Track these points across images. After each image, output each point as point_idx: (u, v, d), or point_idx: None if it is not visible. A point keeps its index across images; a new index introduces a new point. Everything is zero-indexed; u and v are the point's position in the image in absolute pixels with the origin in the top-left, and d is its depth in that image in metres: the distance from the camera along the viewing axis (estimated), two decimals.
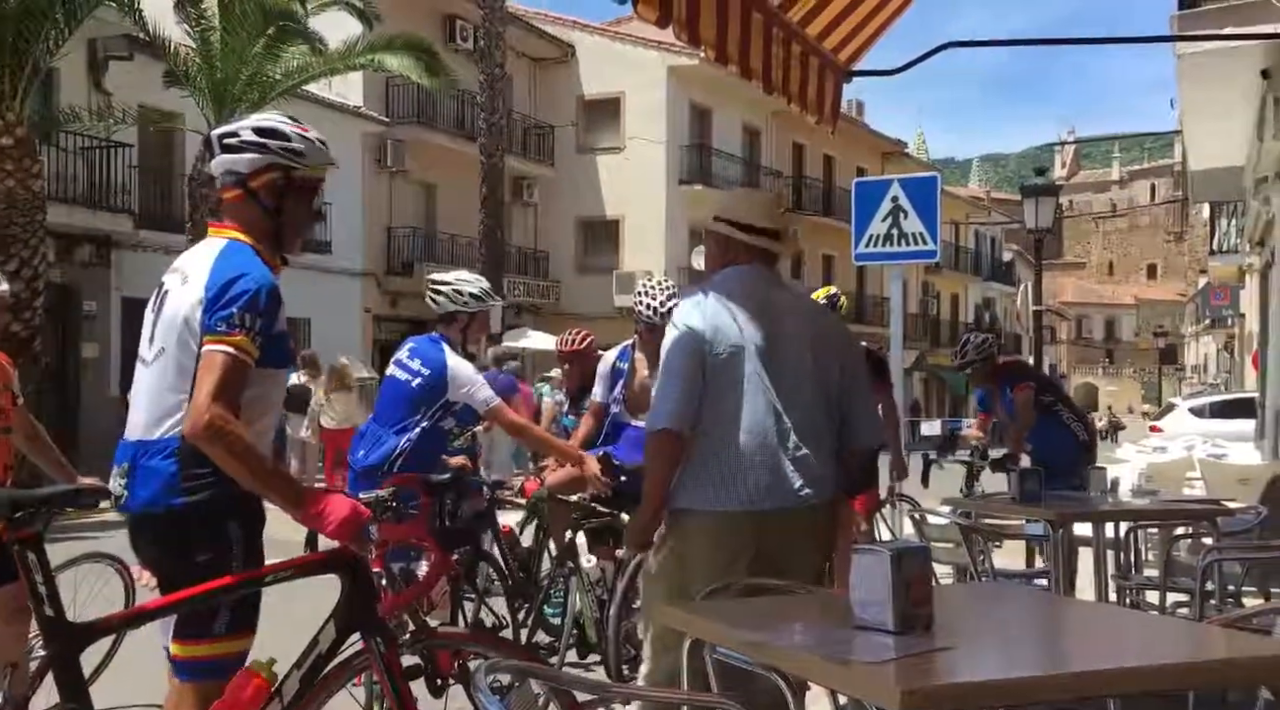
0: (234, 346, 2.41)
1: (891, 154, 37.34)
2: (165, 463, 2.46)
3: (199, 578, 2.44)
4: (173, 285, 2.60)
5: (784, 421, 2.97)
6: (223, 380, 2.38)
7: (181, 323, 2.50)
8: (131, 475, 2.49)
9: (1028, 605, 2.76)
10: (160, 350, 2.54)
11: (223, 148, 2.59)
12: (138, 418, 2.56)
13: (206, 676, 2.48)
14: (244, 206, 2.61)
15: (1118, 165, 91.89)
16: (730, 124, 29.78)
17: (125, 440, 2.57)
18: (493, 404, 4.35)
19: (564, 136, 27.74)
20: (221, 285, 2.46)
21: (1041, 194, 13.33)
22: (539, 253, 27.63)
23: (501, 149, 19.94)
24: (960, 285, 43.96)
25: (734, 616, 2.49)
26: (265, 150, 2.57)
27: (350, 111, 21.70)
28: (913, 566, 2.11)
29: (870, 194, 7.42)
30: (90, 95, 16.16)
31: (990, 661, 2.14)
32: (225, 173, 2.61)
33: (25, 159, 12.92)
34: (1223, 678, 2.22)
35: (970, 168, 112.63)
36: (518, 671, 2.43)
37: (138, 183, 17.33)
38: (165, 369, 2.53)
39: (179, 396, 2.48)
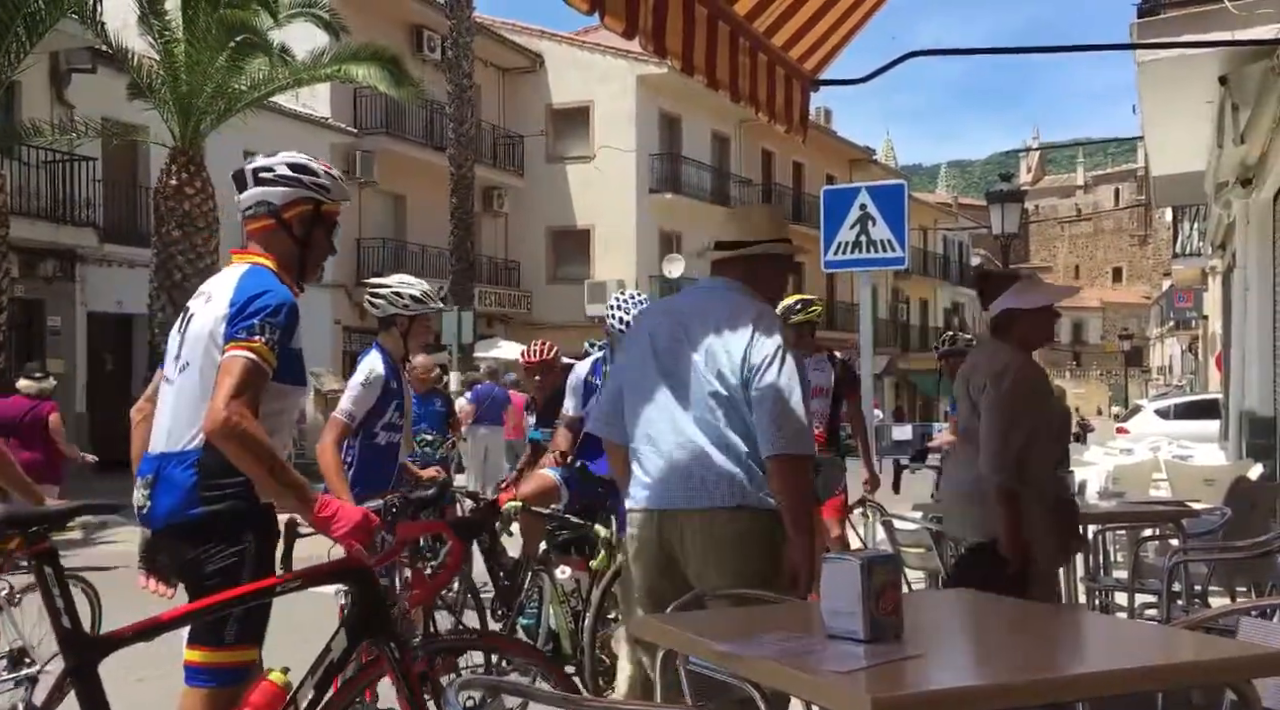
0: (253, 351, 2.52)
1: (860, 161, 37.60)
2: (186, 473, 2.56)
3: (213, 587, 2.52)
4: (197, 307, 2.72)
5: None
6: (241, 381, 2.48)
7: (207, 337, 2.62)
8: (155, 486, 2.59)
9: (998, 611, 2.78)
10: (185, 365, 2.66)
11: (257, 181, 2.79)
12: (162, 432, 2.65)
13: (216, 682, 2.54)
14: (274, 235, 2.78)
15: (1082, 170, 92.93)
16: (699, 132, 29.88)
17: (149, 454, 2.67)
18: (331, 419, 4.12)
19: (533, 146, 27.72)
20: (245, 300, 2.60)
21: (1007, 200, 13.46)
22: (510, 263, 27.58)
23: (471, 159, 19.91)
24: (930, 290, 44.31)
25: (705, 627, 2.49)
26: (299, 184, 2.78)
27: (318, 123, 21.58)
28: (883, 575, 2.12)
29: (839, 202, 7.48)
30: (53, 108, 15.98)
31: (960, 668, 2.15)
32: (258, 203, 2.78)
33: None
34: (1189, 679, 2.24)
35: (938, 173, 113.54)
36: (490, 687, 2.42)
37: (102, 196, 17.14)
38: (188, 384, 2.63)
39: (202, 409, 2.54)
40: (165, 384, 2.73)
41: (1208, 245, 17.53)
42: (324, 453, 4.04)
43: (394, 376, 4.27)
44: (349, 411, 4.12)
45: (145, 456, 2.68)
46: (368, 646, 2.71)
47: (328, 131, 21.85)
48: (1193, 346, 38.42)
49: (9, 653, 4.27)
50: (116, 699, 5.00)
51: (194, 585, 2.57)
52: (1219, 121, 8.11)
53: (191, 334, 2.67)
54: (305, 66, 15.73)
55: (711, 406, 2.94)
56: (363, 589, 2.69)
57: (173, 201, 15.00)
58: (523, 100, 27.91)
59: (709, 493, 2.92)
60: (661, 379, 3.02)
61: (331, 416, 4.16)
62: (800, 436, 2.88)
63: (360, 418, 4.16)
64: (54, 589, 2.34)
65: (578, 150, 27.83)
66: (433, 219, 22.36)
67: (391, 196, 23.92)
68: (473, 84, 20.67)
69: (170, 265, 15.12)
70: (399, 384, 4.31)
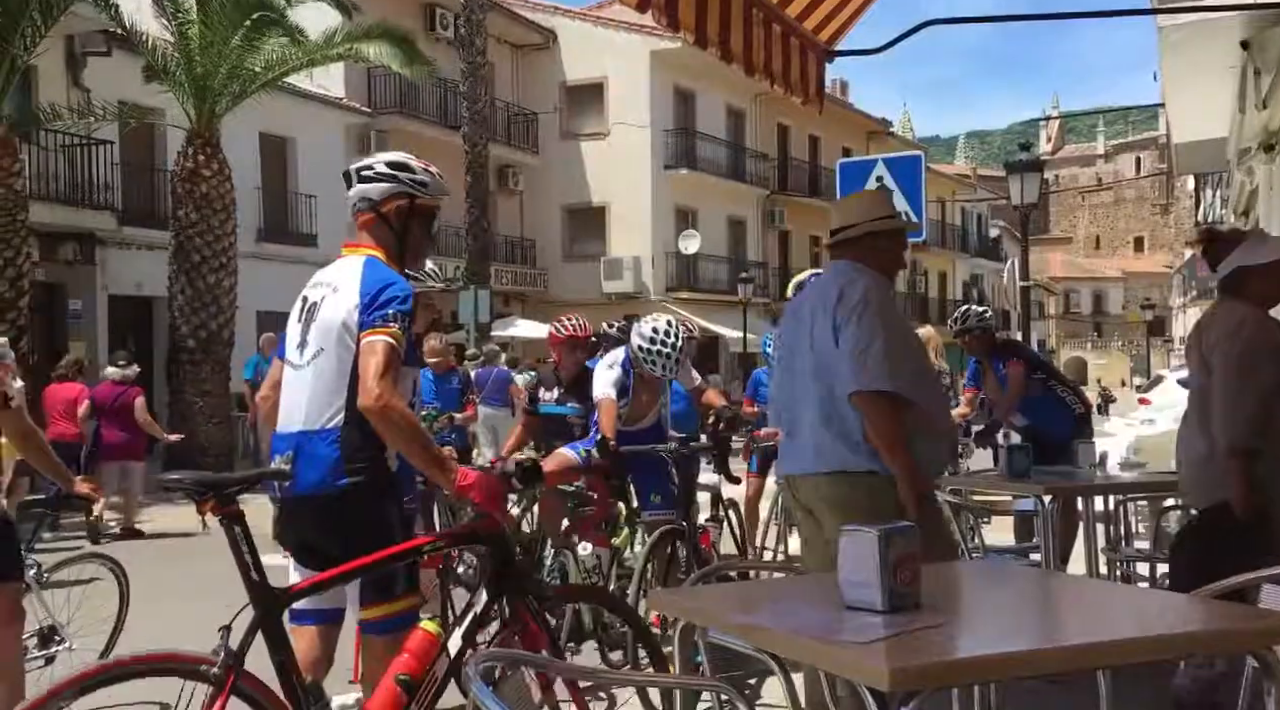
0: (390, 336, 2.78)
1: (876, 133, 37.31)
2: (330, 449, 2.80)
3: (363, 549, 2.75)
4: (320, 297, 2.94)
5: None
6: (385, 362, 2.73)
7: (340, 326, 2.84)
8: (296, 462, 2.82)
9: (1017, 581, 2.78)
10: (318, 351, 2.88)
11: (360, 178, 3.04)
12: (297, 412, 2.88)
13: (391, 630, 2.84)
14: (376, 228, 3.02)
15: (1103, 139, 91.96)
16: (714, 107, 29.70)
17: (284, 432, 2.90)
18: None
19: (548, 123, 27.64)
20: (374, 291, 2.84)
21: (1027, 170, 13.34)
22: (526, 241, 27.56)
23: (485, 137, 19.89)
24: (948, 262, 44.03)
25: (725, 600, 2.50)
26: (396, 181, 3.04)
27: (332, 103, 21.57)
28: (901, 546, 2.12)
29: (855, 174, 7.43)
30: (69, 92, 16.02)
31: (980, 637, 2.15)
32: (361, 199, 3.02)
33: (5, 158, 12.84)
34: (1210, 647, 2.24)
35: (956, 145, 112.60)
36: (510, 660, 2.44)
37: (120, 179, 17.21)
38: (325, 368, 2.86)
39: (339, 391, 2.82)
40: (291, 369, 2.94)
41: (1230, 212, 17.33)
42: None
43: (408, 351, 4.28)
44: None
45: (280, 435, 2.91)
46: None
47: (342, 112, 21.84)
48: None
49: (39, 631, 4.33)
50: None
51: (344, 549, 2.77)
52: (1241, 87, 8.00)
53: (321, 323, 2.89)
54: (318, 46, 15.71)
55: (815, 379, 3.31)
56: (497, 548, 2.95)
57: (190, 184, 15.06)
58: (537, 77, 27.81)
59: (816, 459, 3.29)
60: (787, 359, 3.48)
61: None
62: (879, 375, 3.16)
63: None
64: (243, 547, 2.62)
65: (592, 127, 27.74)
66: (448, 198, 22.32)
67: None
68: (486, 62, 20.62)
69: (188, 247, 15.19)
70: (410, 360, 4.32)
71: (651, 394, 5.27)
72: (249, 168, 18.56)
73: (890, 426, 3.18)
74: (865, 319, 3.21)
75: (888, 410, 3.17)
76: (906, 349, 3.32)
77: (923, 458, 3.22)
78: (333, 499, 2.79)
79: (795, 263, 32.99)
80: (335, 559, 2.77)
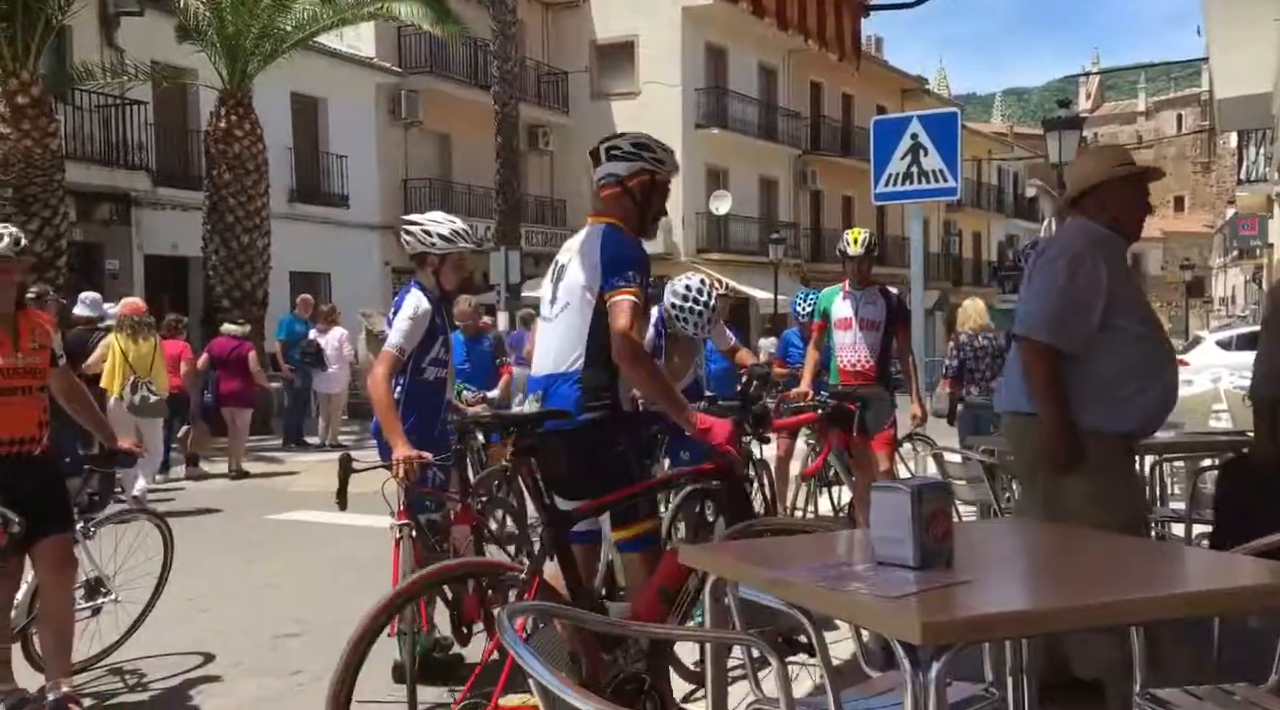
0: (632, 295, 3.18)
1: (912, 91, 36.75)
2: (572, 389, 3.25)
3: (603, 475, 3.22)
4: (567, 260, 3.38)
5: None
6: (631, 317, 3.16)
7: (583, 285, 3.27)
8: (545, 401, 3.28)
9: (1051, 539, 2.76)
10: (565, 305, 3.32)
11: (608, 156, 3.42)
12: (546, 358, 3.35)
13: (640, 548, 3.30)
14: (620, 200, 3.40)
15: (1144, 96, 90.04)
16: (746, 65, 29.36)
17: (536, 375, 3.38)
18: (382, 352, 4.18)
19: (578, 82, 27.45)
20: (614, 256, 3.25)
21: (1065, 127, 13.14)
22: (556, 201, 27.50)
23: (515, 97, 19.78)
24: (983, 223, 43.49)
25: (755, 555, 2.51)
26: (640, 158, 3.39)
27: (363, 62, 21.53)
28: (933, 502, 2.11)
29: (889, 132, 7.33)
30: (103, 52, 16.10)
31: (1012, 593, 2.14)
32: (608, 175, 3.41)
33: (41, 118, 12.94)
34: (1245, 604, 2.22)
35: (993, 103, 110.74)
36: (542, 612, 2.47)
37: (154, 140, 17.32)
38: (570, 321, 3.30)
39: (580, 340, 3.28)
40: (544, 322, 3.43)
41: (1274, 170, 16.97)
42: (376, 385, 4.06)
43: (438, 312, 4.28)
44: (399, 345, 4.13)
45: (534, 378, 3.40)
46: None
47: (373, 71, 21.81)
48: (1256, 275, 37.41)
49: (85, 582, 4.43)
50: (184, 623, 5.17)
51: (587, 475, 3.22)
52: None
53: (568, 283, 3.32)
54: (349, 5, 15.67)
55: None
56: (732, 487, 3.42)
57: (222, 144, 15.12)
58: (567, 36, 27.58)
59: (1003, 397, 3.56)
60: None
61: (382, 350, 4.16)
62: (1038, 324, 3.32)
63: (410, 351, 4.18)
64: (536, 475, 3.07)
65: (623, 86, 27.52)
66: (478, 158, 22.32)
67: (437, 136, 23.89)
68: (516, 20, 20.46)
69: (221, 207, 15.29)
70: (442, 320, 4.33)
71: (685, 355, 5.26)
72: (281, 128, 18.61)
73: (1038, 376, 3.31)
74: (1049, 266, 3.35)
75: (1038, 359, 3.31)
76: (1094, 304, 3.32)
77: (1090, 419, 3.31)
78: (573, 431, 3.21)
79: (827, 223, 32.73)
80: (581, 484, 3.22)
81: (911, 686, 1.79)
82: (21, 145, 12.69)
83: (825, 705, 2.20)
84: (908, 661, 1.79)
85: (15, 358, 3.80)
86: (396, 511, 3.96)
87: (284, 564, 6.94)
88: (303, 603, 5.83)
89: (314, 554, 7.21)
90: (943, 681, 1.79)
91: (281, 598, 5.99)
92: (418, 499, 4.09)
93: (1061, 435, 3.30)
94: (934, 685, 1.77)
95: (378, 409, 4.08)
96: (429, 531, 4.20)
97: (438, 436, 4.28)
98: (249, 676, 4.52)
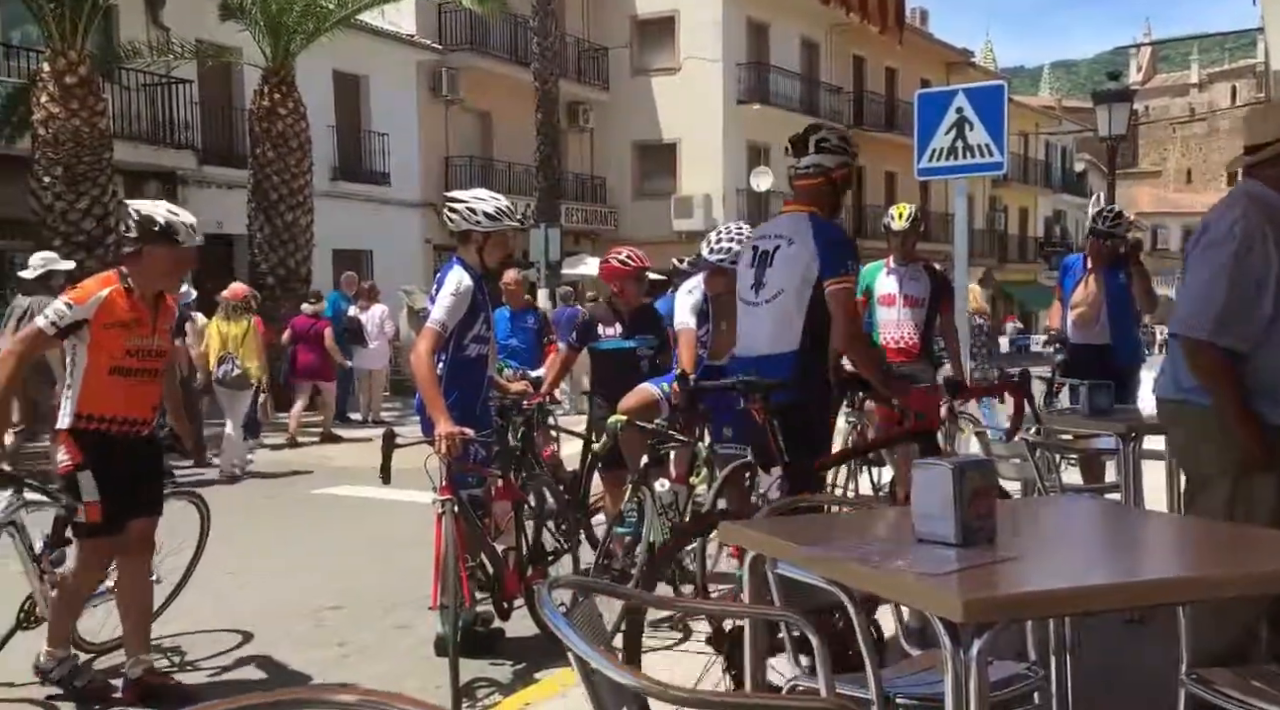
0: (850, 283, 3.59)
1: (957, 64, 36.18)
2: (782, 370, 3.61)
3: (804, 444, 3.61)
4: (771, 247, 3.70)
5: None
6: (850, 307, 3.60)
7: (800, 273, 3.59)
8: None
9: (1096, 517, 2.73)
10: (778, 292, 3.66)
11: (817, 148, 3.70)
12: (758, 341, 3.73)
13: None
14: (821, 190, 3.72)
15: (1197, 67, 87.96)
16: (788, 39, 29.06)
17: (743, 356, 3.79)
18: (424, 329, 4.17)
19: (618, 58, 27.32)
20: (829, 244, 3.59)
21: (1115, 100, 12.87)
22: (596, 178, 27.46)
23: (555, 74, 19.71)
24: (1029, 198, 42.83)
25: (796, 532, 2.49)
26: (845, 152, 3.76)
27: (404, 40, 21.58)
28: (975, 479, 2.09)
29: (934, 105, 7.21)
30: (149, 31, 16.26)
31: (1055, 571, 2.12)
32: (814, 166, 3.70)
33: (90, 97, 13.10)
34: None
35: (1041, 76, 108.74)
36: (582, 587, 2.47)
37: (199, 118, 17.50)
38: (784, 306, 3.63)
39: (794, 324, 3.61)
40: (748, 306, 3.76)
41: None
42: (420, 362, 4.08)
43: (480, 289, 4.29)
44: (441, 321, 4.14)
45: (740, 359, 3.78)
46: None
47: (414, 49, 21.86)
48: None
49: None
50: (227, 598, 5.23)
51: (792, 444, 3.59)
52: None
53: (777, 269, 3.67)
54: None
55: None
56: (929, 446, 3.68)
57: (266, 122, 15.25)
58: (607, 11, 27.43)
59: (1159, 382, 3.27)
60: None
61: (425, 326, 4.17)
62: (1196, 322, 2.93)
63: (452, 328, 4.20)
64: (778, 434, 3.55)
65: (663, 62, 27.35)
66: (518, 136, 22.32)
67: (477, 114, 23.92)
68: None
69: (266, 186, 15.43)
70: (484, 296, 4.33)
71: (733, 324, 5.20)
72: (323, 106, 18.73)
73: (1204, 375, 2.96)
74: (1207, 256, 2.95)
75: (1201, 358, 2.95)
76: (1265, 293, 2.90)
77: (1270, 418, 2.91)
78: (786, 408, 3.54)
79: (870, 199, 32.39)
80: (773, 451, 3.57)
81: (952, 665, 1.77)
82: (70, 124, 12.87)
83: (865, 683, 2.19)
84: (948, 639, 1.78)
85: (152, 340, 3.81)
86: (439, 487, 3.98)
87: (326, 538, 7.03)
88: (345, 576, 5.90)
89: (356, 528, 7.30)
90: (984, 660, 1.77)
91: (324, 571, 6.07)
92: (460, 474, 4.11)
93: (1248, 434, 2.91)
94: (975, 663, 1.76)
95: (421, 385, 4.10)
96: (471, 507, 4.23)
97: (480, 413, 4.30)
98: (294, 649, 4.59)
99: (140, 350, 3.77)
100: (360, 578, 5.86)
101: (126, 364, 3.74)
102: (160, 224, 3.76)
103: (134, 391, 3.78)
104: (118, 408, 3.75)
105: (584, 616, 2.82)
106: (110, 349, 3.71)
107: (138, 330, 3.76)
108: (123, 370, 3.73)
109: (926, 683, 2.27)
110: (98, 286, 3.74)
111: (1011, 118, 7.75)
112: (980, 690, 1.76)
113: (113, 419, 3.75)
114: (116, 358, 3.72)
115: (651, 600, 2.90)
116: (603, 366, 5.61)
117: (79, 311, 3.66)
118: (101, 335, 3.68)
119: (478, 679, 4.06)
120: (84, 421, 3.72)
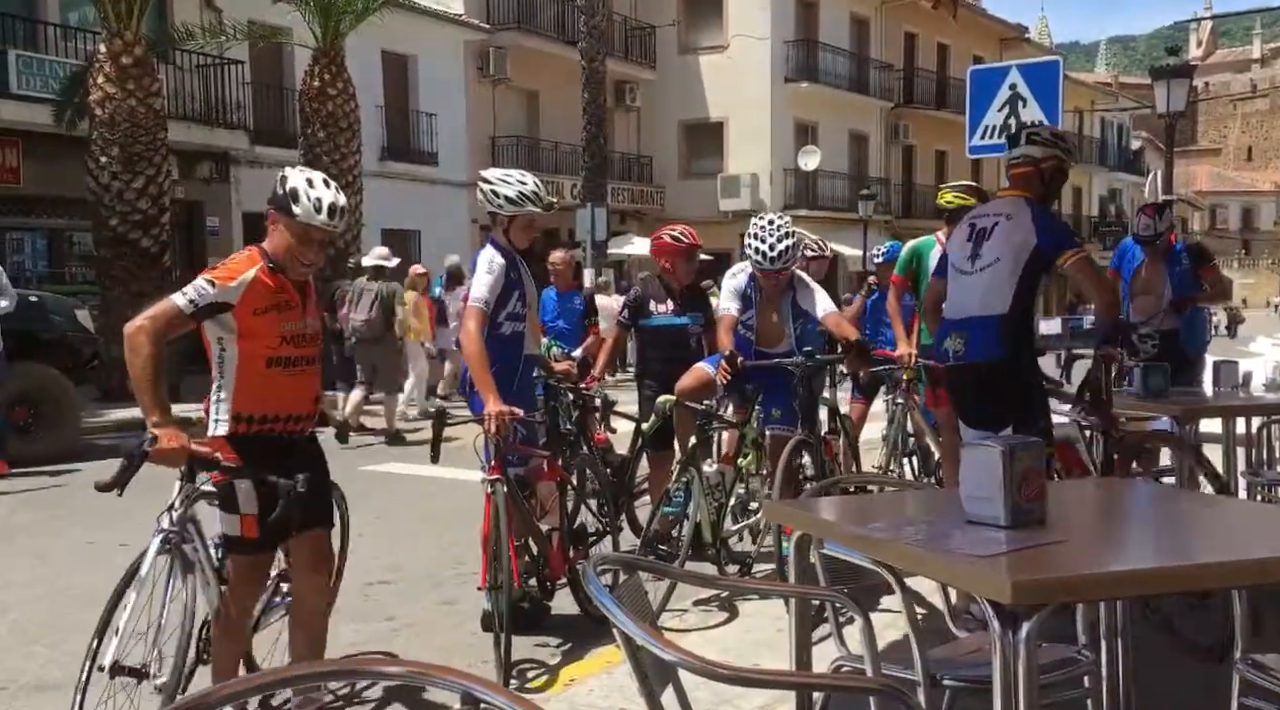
0: (1085, 252, 3.93)
1: (1011, 40, 35.52)
2: (992, 331, 3.89)
3: (1009, 404, 3.86)
4: (989, 224, 3.98)
5: None
6: (1095, 272, 3.96)
7: (1017, 245, 3.87)
8: (969, 340, 3.95)
9: (1148, 500, 2.68)
10: (993, 261, 3.92)
11: (1028, 140, 4.04)
12: (970, 303, 3.98)
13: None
14: (1030, 178, 4.02)
15: (1259, 42, 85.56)
16: (837, 15, 28.69)
17: (955, 319, 4.05)
18: (468, 308, 4.16)
19: (665, 37, 27.16)
20: (1051, 225, 3.95)
21: (1174, 76, 12.55)
22: (642, 158, 27.38)
23: (602, 52, 19.65)
24: (1084, 176, 41.99)
25: (842, 512, 2.48)
26: (1056, 147, 4.05)
27: (451, 19, 21.63)
28: (1025, 461, 2.06)
29: (987, 82, 7.10)
30: (201, 12, 16.46)
31: (1106, 554, 2.09)
32: (1024, 156, 4.02)
33: (145, 78, 13.29)
34: None
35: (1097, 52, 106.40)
36: (627, 566, 2.48)
37: (251, 99, 17.70)
38: (999, 272, 3.90)
39: (1007, 289, 3.88)
40: (961, 274, 4.03)
41: None
42: (469, 339, 4.09)
43: (513, 267, 4.29)
44: (483, 298, 4.15)
45: (951, 320, 4.05)
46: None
47: (461, 28, 21.90)
48: None
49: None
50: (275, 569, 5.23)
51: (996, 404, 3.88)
52: None
53: (995, 241, 3.93)
54: None
55: None
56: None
57: (316, 103, 15.37)
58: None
59: None
60: None
61: (468, 306, 4.19)
62: None
63: (493, 304, 4.20)
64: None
65: (710, 40, 27.15)
66: (565, 115, 22.31)
67: (524, 93, 23.93)
68: None
69: (316, 165, 15.55)
70: (519, 274, 4.33)
71: (781, 313, 5.16)
72: (372, 86, 18.85)
73: None
74: None
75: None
76: None
77: None
78: (990, 366, 3.87)
79: (920, 179, 31.97)
80: (989, 412, 3.82)
81: (1001, 647, 1.76)
82: (126, 104, 13.07)
83: (911, 664, 2.18)
84: (997, 622, 1.76)
85: (304, 322, 3.25)
86: (488, 466, 4.00)
87: (376, 514, 7.12)
88: (394, 552, 5.98)
89: (405, 505, 7.39)
90: (1033, 642, 1.75)
91: (373, 547, 6.14)
92: (505, 453, 4.13)
93: None
94: (1024, 646, 1.74)
95: (470, 363, 4.11)
96: (518, 485, 4.25)
97: (516, 390, 4.30)
98: (344, 623, 4.65)
99: (297, 336, 3.21)
100: (409, 554, 5.93)
101: (284, 353, 3.18)
102: (284, 189, 3.28)
103: (295, 383, 3.22)
104: (280, 404, 3.20)
105: (629, 593, 2.83)
106: (265, 337, 3.14)
107: (290, 314, 3.19)
108: (281, 361, 3.17)
109: (974, 665, 2.26)
110: (245, 265, 3.14)
111: (1066, 94, 7.61)
112: (1029, 673, 1.74)
113: (275, 418, 3.19)
114: (273, 347, 3.15)
115: (695, 578, 2.91)
116: (653, 343, 5.58)
117: (222, 293, 3.06)
118: (253, 323, 3.11)
119: (524, 656, 4.10)
120: (243, 424, 3.16)
